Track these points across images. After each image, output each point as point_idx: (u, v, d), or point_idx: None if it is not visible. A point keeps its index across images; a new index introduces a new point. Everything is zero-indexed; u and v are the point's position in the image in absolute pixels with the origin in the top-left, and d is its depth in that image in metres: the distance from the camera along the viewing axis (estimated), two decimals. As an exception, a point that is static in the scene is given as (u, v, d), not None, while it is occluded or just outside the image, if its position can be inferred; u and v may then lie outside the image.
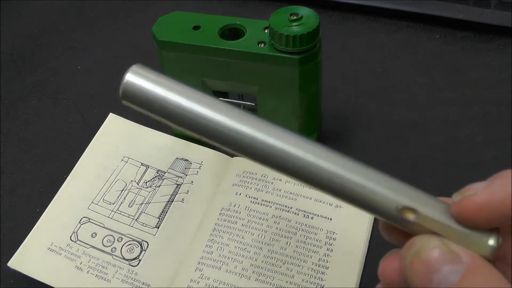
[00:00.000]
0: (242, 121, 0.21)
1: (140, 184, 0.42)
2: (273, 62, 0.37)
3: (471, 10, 0.52)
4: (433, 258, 0.20)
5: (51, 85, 0.52)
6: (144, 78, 0.21)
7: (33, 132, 0.47)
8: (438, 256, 0.20)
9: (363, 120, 0.46)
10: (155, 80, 0.21)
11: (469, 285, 0.19)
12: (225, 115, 0.21)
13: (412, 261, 0.20)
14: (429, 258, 0.20)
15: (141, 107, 0.22)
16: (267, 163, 0.21)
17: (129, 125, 0.45)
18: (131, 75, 0.21)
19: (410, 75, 0.50)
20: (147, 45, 0.54)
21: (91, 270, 0.37)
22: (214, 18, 0.39)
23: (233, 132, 0.21)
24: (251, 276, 0.36)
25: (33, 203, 0.42)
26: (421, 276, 0.20)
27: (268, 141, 0.21)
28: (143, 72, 0.22)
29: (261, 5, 0.58)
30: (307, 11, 0.36)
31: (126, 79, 0.21)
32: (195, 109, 0.21)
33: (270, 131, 0.21)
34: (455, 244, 0.20)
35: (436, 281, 0.19)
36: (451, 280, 0.19)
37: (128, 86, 0.21)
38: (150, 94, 0.21)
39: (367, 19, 0.55)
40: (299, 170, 0.21)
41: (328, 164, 0.21)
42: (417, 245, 0.20)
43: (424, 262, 0.20)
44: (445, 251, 0.20)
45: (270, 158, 0.21)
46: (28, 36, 0.57)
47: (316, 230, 0.38)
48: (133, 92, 0.21)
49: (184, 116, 0.21)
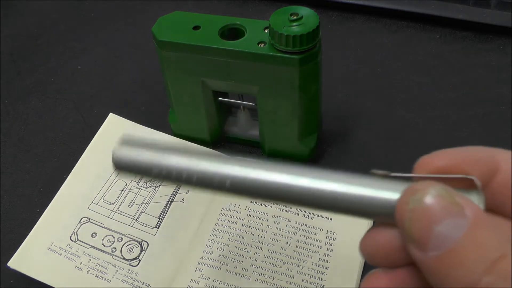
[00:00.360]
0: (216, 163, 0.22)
1: (140, 184, 0.42)
2: (273, 62, 0.37)
3: (471, 10, 0.52)
4: (435, 208, 0.18)
5: (51, 85, 0.52)
6: (128, 150, 0.23)
7: (33, 132, 0.47)
8: (442, 206, 0.18)
9: (363, 120, 0.46)
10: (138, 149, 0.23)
11: (473, 241, 0.17)
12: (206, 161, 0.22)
13: (414, 208, 0.19)
14: (432, 208, 0.18)
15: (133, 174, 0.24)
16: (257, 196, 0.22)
17: (129, 125, 0.45)
18: (117, 150, 0.23)
19: (410, 75, 0.50)
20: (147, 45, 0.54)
21: (91, 270, 0.37)
22: (214, 18, 0.39)
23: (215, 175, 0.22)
24: (251, 276, 0.36)
25: (33, 203, 0.42)
26: (421, 227, 0.18)
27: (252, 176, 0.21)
28: (127, 146, 0.23)
29: (261, 5, 0.58)
30: (307, 11, 0.36)
31: (115, 154, 0.23)
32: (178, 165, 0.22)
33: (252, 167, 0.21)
34: (459, 194, 0.18)
35: (438, 233, 0.18)
36: (454, 234, 0.18)
37: (117, 160, 0.23)
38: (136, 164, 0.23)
39: (367, 19, 0.55)
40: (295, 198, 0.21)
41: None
42: (419, 191, 0.19)
43: (425, 212, 0.18)
44: (449, 202, 0.18)
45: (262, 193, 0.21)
46: (28, 36, 0.57)
47: (316, 230, 0.38)
48: (123, 164, 0.23)
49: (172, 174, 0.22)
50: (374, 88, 0.49)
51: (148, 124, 0.45)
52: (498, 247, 0.17)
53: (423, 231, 0.18)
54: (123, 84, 0.51)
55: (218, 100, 0.43)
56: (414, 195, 0.19)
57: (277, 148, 0.43)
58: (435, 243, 0.18)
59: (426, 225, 0.18)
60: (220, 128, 0.45)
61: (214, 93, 0.41)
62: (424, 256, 0.18)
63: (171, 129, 0.46)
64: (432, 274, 0.18)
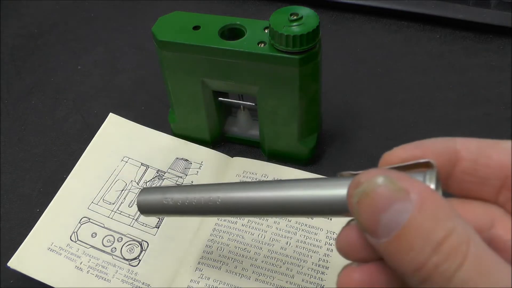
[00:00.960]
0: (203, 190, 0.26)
1: (140, 184, 0.42)
2: (273, 62, 0.37)
3: (471, 10, 0.52)
4: (380, 197, 0.19)
5: (51, 85, 0.52)
6: (146, 195, 0.29)
7: (33, 132, 0.47)
8: (386, 195, 0.18)
9: (363, 120, 0.46)
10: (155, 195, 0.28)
11: (417, 224, 0.18)
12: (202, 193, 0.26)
13: (359, 201, 0.19)
14: (376, 197, 0.19)
15: (154, 215, 0.31)
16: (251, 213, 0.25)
17: (129, 125, 0.45)
18: (139, 197, 0.29)
19: (410, 75, 0.50)
20: (147, 45, 0.54)
21: (91, 270, 0.37)
22: (214, 18, 0.39)
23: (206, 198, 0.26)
24: (251, 276, 0.36)
25: (33, 203, 0.42)
26: (369, 217, 0.19)
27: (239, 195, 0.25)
28: (146, 191, 0.29)
29: (261, 5, 0.58)
30: (307, 11, 0.36)
31: (137, 200, 0.29)
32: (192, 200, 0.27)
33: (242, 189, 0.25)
34: (403, 178, 0.19)
35: (384, 222, 0.18)
36: (399, 219, 0.18)
37: (139, 205, 0.29)
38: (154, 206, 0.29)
39: (367, 19, 0.55)
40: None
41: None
42: (363, 183, 0.19)
43: (371, 202, 0.19)
44: (393, 189, 0.18)
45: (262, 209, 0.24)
46: (28, 36, 0.57)
47: (316, 230, 0.38)
48: (143, 208, 0.29)
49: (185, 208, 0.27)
50: (374, 88, 0.49)
51: (148, 124, 0.45)
52: (444, 226, 0.18)
53: (371, 221, 0.19)
54: (123, 84, 0.51)
55: (218, 100, 0.43)
56: (358, 187, 0.19)
57: (277, 148, 0.43)
58: (383, 230, 0.19)
59: (373, 215, 0.19)
60: (220, 128, 0.45)
61: (214, 93, 0.41)
62: (377, 243, 0.19)
63: (171, 129, 0.46)
64: (387, 258, 0.19)
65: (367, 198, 0.19)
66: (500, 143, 0.21)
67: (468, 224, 0.18)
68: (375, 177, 0.19)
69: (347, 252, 0.22)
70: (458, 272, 0.17)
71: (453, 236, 0.18)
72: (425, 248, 0.18)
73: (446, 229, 0.18)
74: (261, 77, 0.38)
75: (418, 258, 0.18)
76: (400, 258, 0.18)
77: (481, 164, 0.21)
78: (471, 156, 0.21)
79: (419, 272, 0.18)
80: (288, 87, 0.38)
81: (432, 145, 0.22)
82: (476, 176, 0.21)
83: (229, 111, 0.46)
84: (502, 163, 0.21)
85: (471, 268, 0.17)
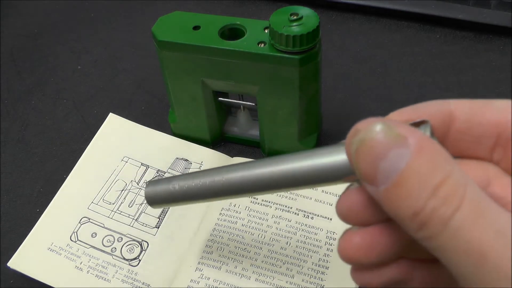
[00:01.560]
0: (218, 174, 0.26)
1: (140, 184, 0.42)
2: (273, 62, 0.37)
3: (471, 10, 0.52)
4: (378, 144, 0.19)
5: (51, 85, 0.52)
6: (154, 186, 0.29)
7: (33, 132, 0.47)
8: (384, 141, 0.19)
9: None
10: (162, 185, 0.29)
11: (415, 169, 0.18)
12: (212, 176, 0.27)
13: (358, 149, 0.19)
14: (374, 144, 0.19)
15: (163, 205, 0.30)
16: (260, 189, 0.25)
17: (129, 125, 0.45)
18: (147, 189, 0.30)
19: (410, 75, 0.50)
20: (147, 45, 0.54)
21: (91, 270, 0.37)
22: (214, 18, 0.39)
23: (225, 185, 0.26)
24: (251, 276, 0.36)
25: (33, 203, 0.42)
26: (367, 165, 0.19)
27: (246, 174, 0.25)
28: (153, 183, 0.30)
29: (261, 5, 0.58)
30: (307, 11, 0.36)
31: (145, 192, 0.30)
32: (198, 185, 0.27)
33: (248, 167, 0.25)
34: (401, 125, 0.19)
35: (383, 168, 0.18)
36: (398, 165, 0.18)
37: (148, 196, 0.30)
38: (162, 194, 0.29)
39: (367, 19, 0.55)
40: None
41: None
42: (361, 131, 0.19)
43: (369, 150, 0.19)
44: (391, 135, 0.19)
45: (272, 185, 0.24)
46: (28, 36, 0.57)
47: (316, 230, 0.38)
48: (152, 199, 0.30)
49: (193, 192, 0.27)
50: (374, 88, 0.49)
51: (148, 124, 0.45)
52: (441, 171, 0.18)
53: (369, 168, 0.19)
54: (123, 84, 0.51)
55: (218, 100, 0.43)
56: (357, 135, 0.20)
57: (277, 148, 0.43)
58: (382, 177, 0.19)
59: (371, 162, 0.19)
60: (220, 128, 0.45)
61: (214, 93, 0.41)
62: (376, 191, 0.19)
63: (171, 129, 0.46)
64: (385, 206, 0.19)
65: (365, 146, 0.19)
66: (493, 102, 0.22)
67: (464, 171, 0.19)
68: (373, 124, 0.19)
69: (347, 215, 0.22)
70: (455, 215, 0.17)
71: (450, 180, 0.18)
72: (423, 192, 0.18)
73: (443, 173, 0.18)
74: (261, 77, 0.38)
75: (416, 203, 0.18)
76: (398, 205, 0.18)
77: (474, 122, 0.22)
78: (465, 116, 0.22)
79: (417, 217, 0.18)
80: (288, 87, 0.38)
81: (427, 107, 0.22)
82: (470, 135, 0.22)
83: (229, 111, 0.46)
84: (495, 121, 0.21)
85: (468, 211, 0.17)
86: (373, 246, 0.21)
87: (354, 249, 0.21)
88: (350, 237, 0.22)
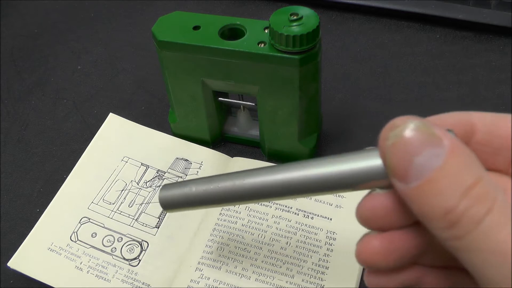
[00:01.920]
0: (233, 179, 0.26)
1: (140, 184, 0.42)
2: (273, 62, 0.37)
3: (471, 10, 0.52)
4: (415, 141, 0.19)
5: (51, 85, 0.52)
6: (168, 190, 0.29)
7: (33, 132, 0.47)
8: (420, 139, 0.19)
9: (363, 120, 0.46)
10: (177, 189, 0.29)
11: (450, 169, 0.18)
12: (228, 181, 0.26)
13: (393, 143, 0.19)
14: (411, 141, 0.19)
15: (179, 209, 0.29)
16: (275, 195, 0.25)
17: (129, 125, 0.45)
18: (161, 192, 0.29)
19: (410, 75, 0.50)
20: (147, 45, 0.54)
21: (91, 270, 0.37)
22: (214, 18, 0.39)
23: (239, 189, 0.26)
24: (251, 276, 0.36)
25: (33, 203, 0.42)
26: (401, 160, 0.19)
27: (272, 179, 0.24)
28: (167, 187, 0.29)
29: (261, 5, 0.58)
30: (307, 11, 0.36)
31: (159, 196, 0.29)
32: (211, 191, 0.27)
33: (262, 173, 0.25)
34: (436, 127, 0.19)
35: (417, 164, 0.19)
36: (432, 163, 0.18)
37: (162, 200, 0.29)
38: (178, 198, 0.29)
39: (367, 19, 0.55)
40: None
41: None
42: (398, 126, 0.20)
43: (405, 145, 0.19)
44: (427, 134, 0.19)
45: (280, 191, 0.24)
46: (28, 36, 0.57)
47: (316, 230, 0.38)
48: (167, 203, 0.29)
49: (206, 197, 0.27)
50: (374, 88, 0.49)
51: (148, 124, 0.45)
52: (474, 173, 0.18)
53: (403, 163, 0.19)
54: (123, 84, 0.51)
55: (218, 100, 0.43)
56: (393, 130, 0.20)
57: (277, 148, 0.43)
58: (415, 174, 0.19)
59: (406, 157, 0.19)
60: (220, 128, 0.45)
61: (214, 93, 0.41)
62: (406, 188, 0.19)
63: (171, 129, 0.46)
64: (414, 204, 0.19)
65: (402, 141, 0.19)
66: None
67: None
68: (411, 121, 0.19)
69: (368, 219, 0.22)
70: (487, 216, 0.18)
71: (483, 182, 0.18)
72: (456, 191, 0.18)
73: (476, 175, 0.18)
74: (261, 77, 0.38)
75: (448, 201, 0.18)
76: (430, 202, 0.19)
77: (495, 135, 0.22)
78: (486, 128, 0.22)
79: (448, 215, 0.18)
80: (288, 87, 0.38)
81: (450, 118, 0.23)
82: (490, 147, 0.22)
83: (229, 111, 0.46)
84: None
85: (499, 213, 0.18)
86: (392, 251, 0.22)
87: (372, 253, 0.22)
88: (369, 241, 0.22)
